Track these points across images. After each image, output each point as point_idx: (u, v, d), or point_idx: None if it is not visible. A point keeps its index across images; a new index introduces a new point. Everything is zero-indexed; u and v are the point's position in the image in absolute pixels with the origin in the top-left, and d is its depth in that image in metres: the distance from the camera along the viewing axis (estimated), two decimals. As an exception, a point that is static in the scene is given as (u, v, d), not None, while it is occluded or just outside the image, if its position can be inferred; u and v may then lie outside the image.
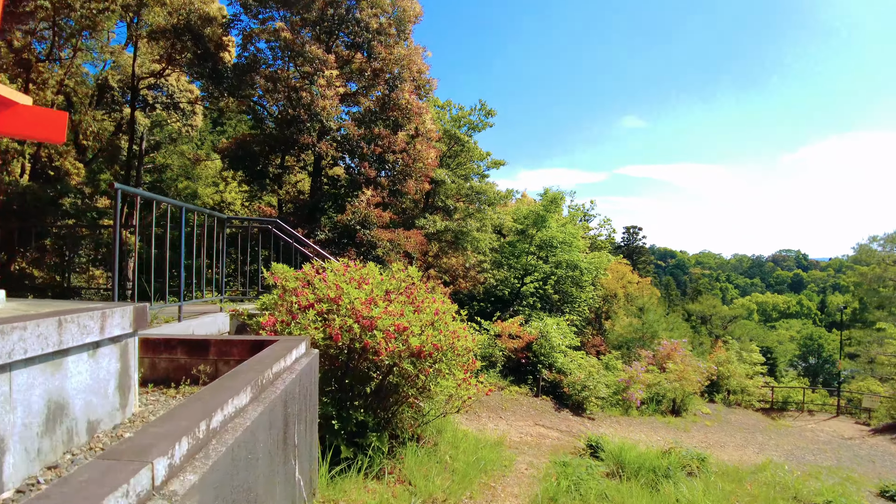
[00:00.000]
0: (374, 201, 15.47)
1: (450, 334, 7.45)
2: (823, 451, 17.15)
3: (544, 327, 18.37)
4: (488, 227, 22.83)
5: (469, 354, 8.35)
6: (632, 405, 18.35)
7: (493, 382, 17.23)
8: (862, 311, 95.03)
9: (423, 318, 7.11)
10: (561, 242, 24.45)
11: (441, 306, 7.86)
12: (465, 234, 20.89)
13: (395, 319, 6.59)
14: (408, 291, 8.14)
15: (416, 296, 8.03)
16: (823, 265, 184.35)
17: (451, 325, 7.87)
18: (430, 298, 8.12)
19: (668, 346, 24.65)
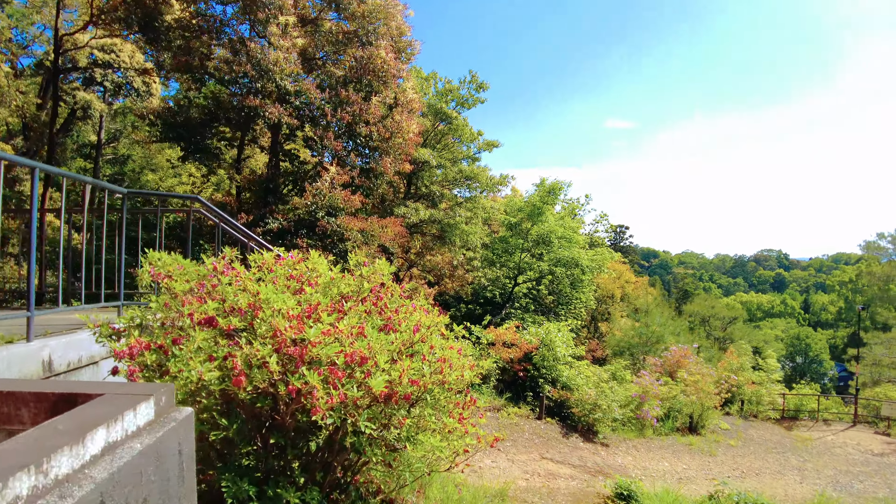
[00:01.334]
0: (340, 181, 12.64)
1: (437, 363, 4.69)
2: (867, 474, 14.80)
3: (546, 335, 15.73)
4: (479, 218, 20.11)
5: (464, 387, 5.75)
6: (647, 424, 15.82)
7: (486, 402, 14.56)
8: (847, 310, 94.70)
9: (395, 341, 4.39)
10: (560, 237, 21.84)
11: (424, 318, 5.17)
12: (452, 226, 18.16)
13: (346, 344, 3.85)
14: (374, 297, 5.42)
15: (387, 304, 5.33)
16: (804, 265, 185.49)
17: (438, 348, 5.16)
18: (407, 307, 5.36)
19: (677, 353, 22.25)
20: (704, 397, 17.73)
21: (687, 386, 18.89)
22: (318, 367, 3.57)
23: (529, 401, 15.02)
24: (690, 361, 21.63)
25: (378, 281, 5.70)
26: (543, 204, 21.97)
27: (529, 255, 22.95)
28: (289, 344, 3.60)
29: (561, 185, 22.36)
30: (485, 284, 24.06)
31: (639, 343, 25.40)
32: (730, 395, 19.67)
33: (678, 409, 17.53)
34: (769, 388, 22.57)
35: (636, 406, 15.80)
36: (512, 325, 16.82)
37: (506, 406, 14.40)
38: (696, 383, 18.86)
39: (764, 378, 22.82)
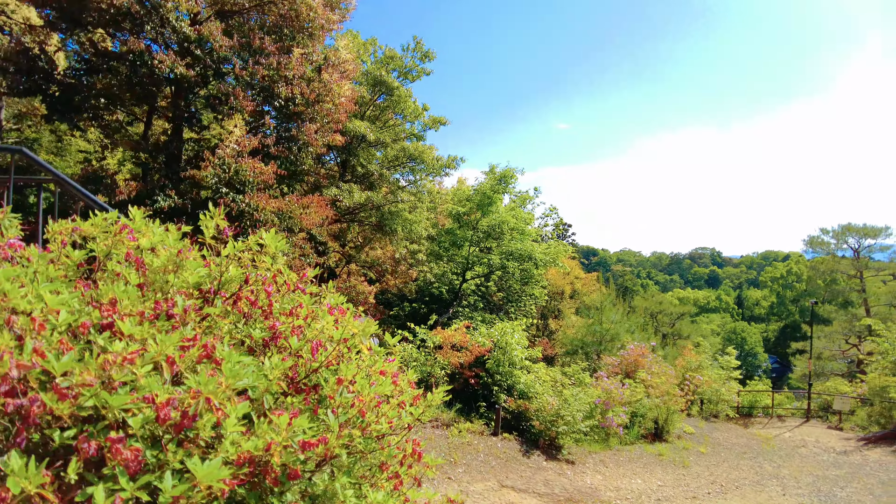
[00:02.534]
0: (250, 147, 10.22)
1: (353, 408, 2.48)
2: (843, 479, 13.70)
3: (500, 336, 13.82)
4: (424, 205, 17.99)
5: (405, 431, 3.59)
6: (612, 432, 14.20)
7: (433, 416, 12.52)
8: (779, 305, 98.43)
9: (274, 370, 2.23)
10: (511, 229, 20.02)
11: (335, 332, 3.00)
12: (394, 214, 16.00)
13: (156, 387, 1.61)
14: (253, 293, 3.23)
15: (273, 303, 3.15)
16: (736, 262, 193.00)
17: (362, 375, 2.99)
18: (309, 309, 3.15)
19: (635, 352, 20.92)
20: (670, 400, 16.35)
21: (650, 388, 17.50)
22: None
23: (483, 412, 13.07)
24: (649, 360, 20.34)
25: (266, 267, 3.52)
26: (494, 193, 20.15)
27: (479, 249, 21.08)
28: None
29: (513, 173, 20.59)
30: (430, 280, 22.04)
31: (592, 341, 24.03)
32: (695, 396, 18.44)
33: (642, 413, 16.06)
34: (729, 386, 21.57)
35: (600, 413, 14.16)
36: (461, 326, 14.84)
37: (456, 420, 12.39)
38: (660, 385, 17.49)
39: (724, 376, 21.82)
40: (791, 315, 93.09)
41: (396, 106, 16.72)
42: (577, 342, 24.35)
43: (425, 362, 14.21)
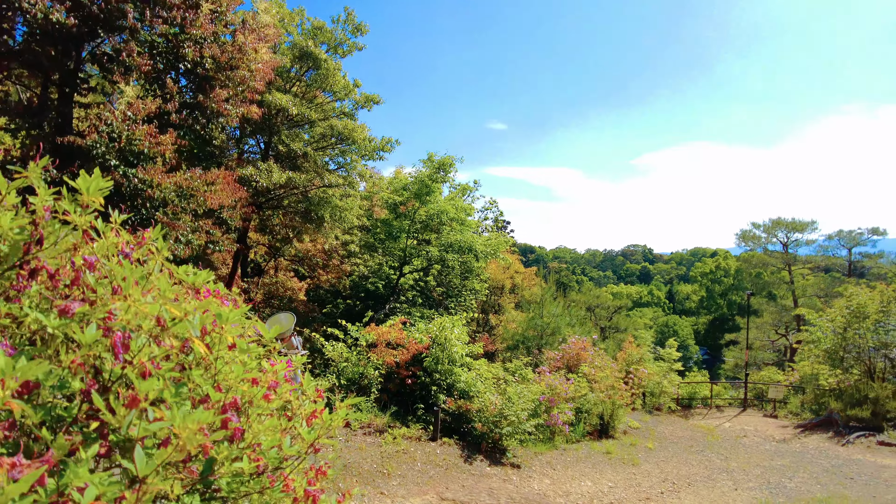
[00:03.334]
0: (145, 112, 8.60)
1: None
2: (790, 468, 13.48)
3: (439, 331, 12.69)
4: (356, 191, 16.55)
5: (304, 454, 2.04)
6: (558, 431, 13.37)
7: (365, 421, 11.26)
8: (708, 298, 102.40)
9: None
10: (451, 219, 18.92)
11: (165, 310, 1.61)
12: (322, 200, 14.55)
13: None
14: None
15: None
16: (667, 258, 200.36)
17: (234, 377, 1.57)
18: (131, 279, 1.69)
19: (576, 345, 20.33)
20: (615, 395, 15.75)
21: (594, 382, 16.88)
22: None
23: (421, 415, 11.91)
24: (590, 354, 19.80)
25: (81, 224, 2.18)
26: (433, 182, 19.00)
27: (417, 241, 19.88)
28: None
29: (452, 161, 19.49)
30: (365, 274, 20.67)
31: (534, 336, 23.34)
32: (640, 390, 17.96)
33: (587, 409, 15.38)
34: (670, 378, 21.36)
35: (545, 410, 13.29)
36: (397, 322, 13.64)
37: (391, 425, 11.17)
38: (604, 379, 16.89)
39: (665, 368, 21.60)
40: (720, 308, 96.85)
41: (325, 81, 15.09)
42: (518, 337, 23.61)
43: (358, 362, 12.93)
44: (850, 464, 14.40)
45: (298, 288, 22.87)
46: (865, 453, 15.64)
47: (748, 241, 36.44)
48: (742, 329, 42.77)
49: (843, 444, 16.59)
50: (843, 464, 14.37)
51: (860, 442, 16.82)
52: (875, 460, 14.89)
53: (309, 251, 21.18)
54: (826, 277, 34.84)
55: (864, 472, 13.62)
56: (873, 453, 15.67)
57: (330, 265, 20.76)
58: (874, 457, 15.28)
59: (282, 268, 23.89)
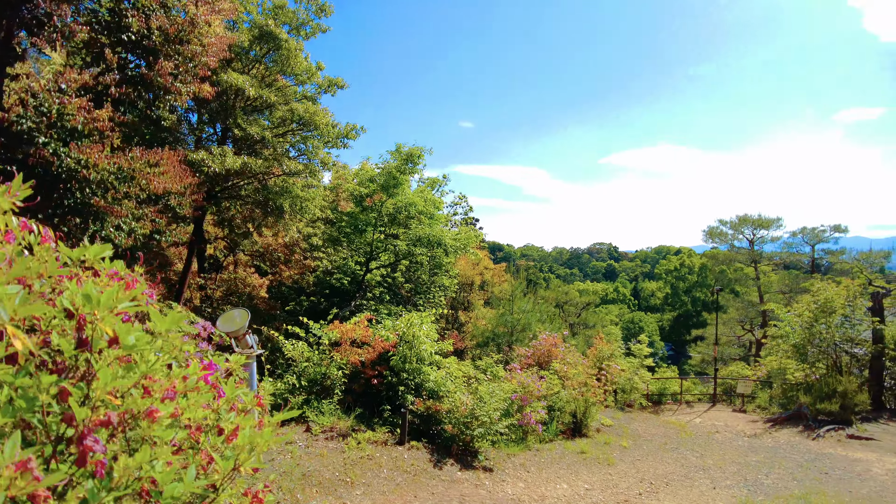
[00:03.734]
0: (79, 82, 7.61)
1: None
2: (764, 464, 13.25)
3: (406, 328, 11.99)
4: (319, 180, 15.65)
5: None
6: (531, 430, 12.83)
7: (327, 424, 10.50)
8: (673, 295, 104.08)
9: None
10: (420, 213, 18.20)
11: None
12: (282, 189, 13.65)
13: None
14: None
15: None
16: (632, 256, 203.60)
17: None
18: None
19: (548, 341, 19.87)
20: (588, 392, 15.32)
21: (566, 379, 16.43)
22: None
23: (388, 417, 11.19)
24: (562, 350, 19.39)
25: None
26: (401, 174, 18.25)
27: (384, 235, 19.09)
28: None
29: (420, 152, 18.74)
30: (329, 269, 19.79)
31: (504, 332, 22.86)
32: (613, 386, 17.59)
33: (560, 407, 14.91)
34: (641, 374, 21.12)
35: (517, 409, 12.73)
36: (362, 319, 12.88)
37: (356, 429, 10.43)
38: (577, 376, 16.46)
39: (636, 364, 21.35)
40: (684, 305, 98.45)
41: (285, 63, 14.04)
42: (488, 334, 23.09)
43: (320, 362, 12.15)
44: (822, 458, 14.29)
45: (259, 284, 21.86)
46: (836, 447, 15.59)
47: (715, 237, 36.77)
48: (709, 324, 43.26)
49: (813, 438, 16.55)
50: (815, 458, 14.25)
51: (830, 435, 16.81)
52: (846, 454, 14.83)
53: (270, 245, 20.20)
54: (789, 274, 35.36)
55: (837, 467, 13.51)
56: (844, 447, 15.64)
57: (292, 260, 19.82)
58: (845, 450, 15.23)
59: (242, 263, 22.82)
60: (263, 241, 20.19)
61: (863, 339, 20.70)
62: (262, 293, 22.21)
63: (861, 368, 21.17)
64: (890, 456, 14.60)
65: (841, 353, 20.91)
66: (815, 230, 34.58)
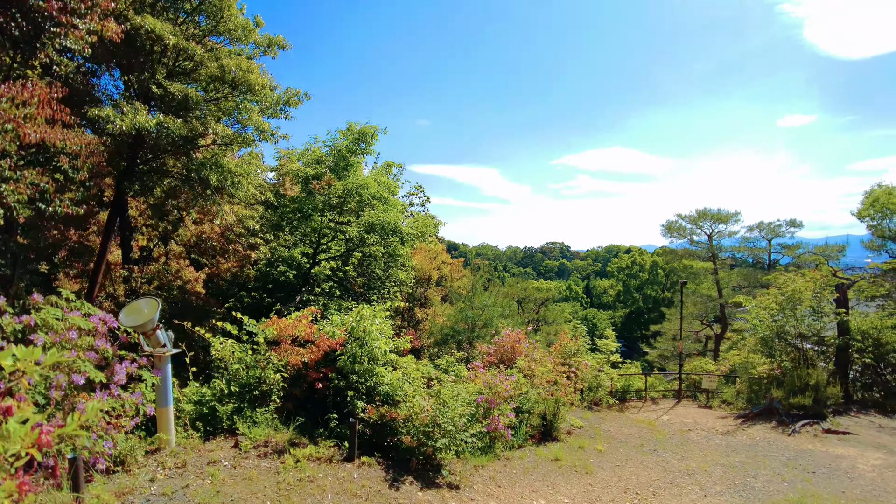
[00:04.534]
0: None
1: None
2: (750, 466, 12.27)
3: (356, 323, 10.31)
4: (256, 152, 13.60)
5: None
6: (499, 436, 11.37)
7: (261, 438, 8.75)
8: (625, 293, 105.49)
9: None
10: (373, 197, 16.44)
11: None
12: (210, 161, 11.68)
13: None
14: None
15: None
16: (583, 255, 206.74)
17: None
18: None
19: (511, 337, 18.51)
20: (558, 391, 14.01)
21: (532, 377, 15.10)
22: None
23: (334, 427, 9.49)
24: (526, 346, 18.08)
25: None
26: (352, 154, 16.49)
27: (333, 223, 17.25)
28: None
29: (374, 132, 16.95)
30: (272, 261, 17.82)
31: (464, 329, 21.42)
32: (582, 385, 16.35)
33: (528, 409, 13.55)
34: (607, 371, 20.05)
35: (483, 413, 11.25)
36: (305, 313, 11.13)
37: (296, 442, 8.70)
38: (544, 374, 15.15)
39: (602, 360, 20.28)
40: (636, 302, 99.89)
41: (217, 15, 11.84)
42: (447, 331, 21.59)
43: (255, 363, 10.36)
44: (804, 456, 13.46)
45: (195, 278, 19.67)
46: (815, 443, 14.84)
47: (674, 232, 36.44)
48: (667, 319, 43.08)
49: (789, 434, 15.79)
50: (797, 456, 13.40)
51: (806, 431, 16.09)
52: (827, 450, 14.08)
53: (204, 233, 18.10)
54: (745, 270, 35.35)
55: (822, 465, 12.67)
56: (822, 442, 14.91)
57: (229, 251, 17.76)
58: (825, 446, 14.49)
59: (176, 255, 20.55)
60: (197, 230, 18.08)
61: (827, 331, 20.28)
62: (198, 288, 20.02)
63: (826, 360, 20.72)
64: (871, 451, 13.91)
65: (807, 346, 20.40)
66: (772, 225, 34.64)
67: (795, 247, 33.45)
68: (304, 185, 16.34)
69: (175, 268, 19.42)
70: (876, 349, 19.90)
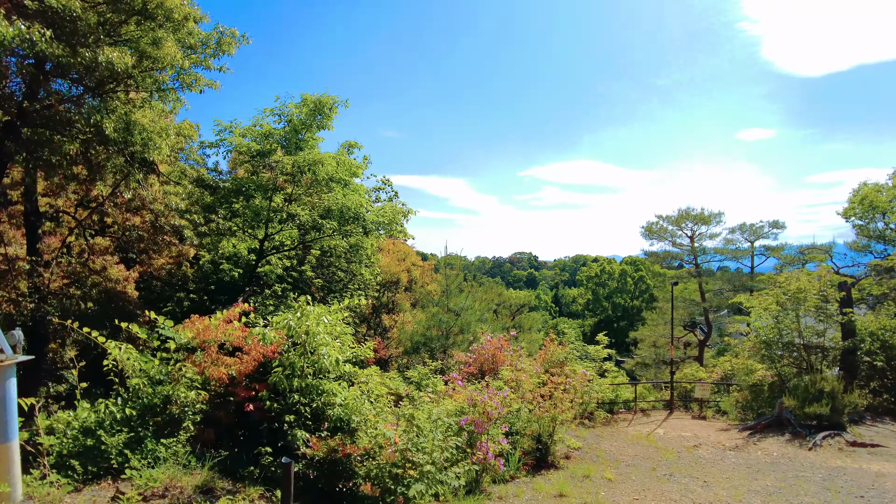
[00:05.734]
0: None
1: None
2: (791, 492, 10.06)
3: (298, 322, 7.70)
4: (171, 101, 10.60)
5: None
6: (490, 467, 8.91)
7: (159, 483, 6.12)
8: (594, 301, 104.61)
9: None
10: (330, 177, 13.80)
11: None
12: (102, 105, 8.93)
13: None
14: None
15: None
16: (551, 265, 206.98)
17: None
18: None
19: (492, 344, 16.16)
20: (554, 408, 11.62)
21: (518, 390, 12.74)
22: None
23: (269, 464, 6.86)
24: (510, 354, 15.76)
25: None
26: (306, 129, 13.92)
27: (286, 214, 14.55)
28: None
29: (333, 104, 14.33)
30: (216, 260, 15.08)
31: (437, 336, 18.92)
32: (583, 398, 14.03)
33: (519, 429, 11.16)
34: (599, 381, 17.83)
35: (469, 441, 8.77)
36: (234, 312, 8.51)
37: (209, 489, 6.07)
38: (535, 387, 12.79)
39: (595, 368, 18.08)
40: (605, 311, 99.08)
41: None
42: (418, 338, 19.04)
43: (165, 377, 7.74)
44: (839, 475, 11.46)
45: (124, 277, 16.75)
46: (843, 458, 12.88)
47: (654, 234, 34.73)
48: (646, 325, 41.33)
49: (809, 448, 13.81)
50: (831, 476, 11.36)
51: (828, 444, 14.14)
52: (860, 466, 12.13)
53: (128, 220, 15.25)
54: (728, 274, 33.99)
55: (864, 486, 10.66)
56: (851, 458, 12.97)
57: (161, 243, 14.91)
58: (856, 462, 12.55)
59: (101, 249, 17.53)
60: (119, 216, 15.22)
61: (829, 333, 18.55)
62: (128, 289, 17.06)
63: (830, 365, 18.89)
64: (911, 467, 11.98)
65: (812, 349, 18.58)
66: (754, 226, 33.31)
67: (779, 248, 32.12)
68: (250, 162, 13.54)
69: (100, 264, 16.46)
70: (885, 351, 18.23)
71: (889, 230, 29.43)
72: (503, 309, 38.03)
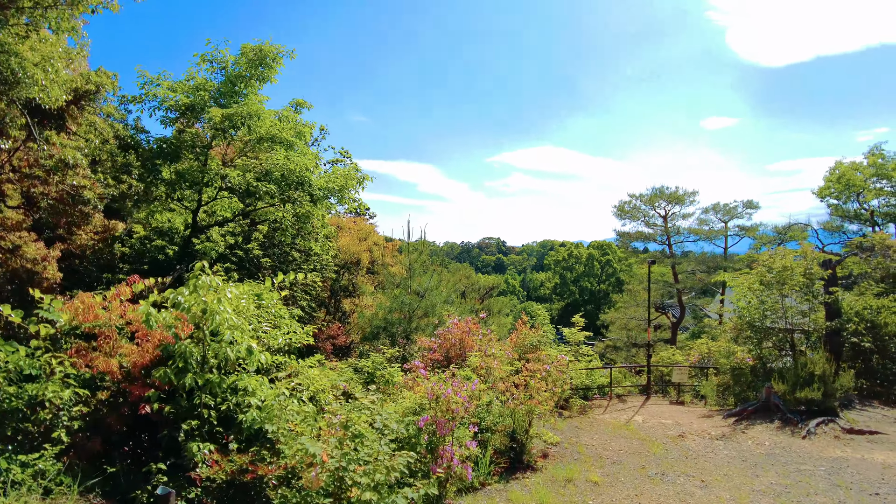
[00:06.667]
0: None
1: None
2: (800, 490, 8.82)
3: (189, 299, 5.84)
4: (66, 28, 8.36)
5: None
6: (455, 476, 7.31)
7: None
8: (562, 285, 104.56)
9: None
10: (272, 138, 11.84)
11: None
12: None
13: None
14: None
15: None
16: (519, 250, 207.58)
17: None
18: None
19: (459, 327, 14.62)
20: (531, 400, 10.07)
21: (489, 378, 11.24)
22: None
23: (165, 482, 5.12)
24: (479, 339, 14.26)
25: None
26: (245, 81, 11.95)
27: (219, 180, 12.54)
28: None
29: (277, 55, 12.31)
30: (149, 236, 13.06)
31: (400, 319, 17.27)
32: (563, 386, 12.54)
33: (490, 426, 9.64)
34: (575, 366, 16.49)
35: (431, 446, 7.16)
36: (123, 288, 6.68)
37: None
38: (506, 375, 11.24)
39: (571, 354, 16.71)
40: (572, 294, 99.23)
41: None
42: (378, 322, 17.36)
43: (38, 374, 5.94)
44: (843, 467, 10.34)
45: (43, 257, 14.56)
46: (844, 448, 11.78)
47: (626, 214, 33.60)
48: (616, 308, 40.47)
49: (803, 437, 12.69)
50: (836, 469, 10.22)
51: (822, 432, 13.05)
52: (863, 457, 11.07)
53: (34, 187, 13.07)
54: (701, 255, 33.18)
55: (875, 480, 9.55)
56: (851, 446, 11.91)
57: (81, 214, 12.80)
58: (857, 452, 11.48)
59: (13, 224, 15.24)
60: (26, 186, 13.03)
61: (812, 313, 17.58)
62: (50, 269, 14.86)
63: (813, 346, 17.93)
64: (918, 456, 10.94)
65: (795, 330, 17.60)
66: (728, 206, 32.48)
67: (754, 228, 31.37)
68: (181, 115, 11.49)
69: (11, 242, 14.22)
70: (872, 332, 17.36)
71: (863, 210, 29.00)
72: (472, 292, 36.55)
